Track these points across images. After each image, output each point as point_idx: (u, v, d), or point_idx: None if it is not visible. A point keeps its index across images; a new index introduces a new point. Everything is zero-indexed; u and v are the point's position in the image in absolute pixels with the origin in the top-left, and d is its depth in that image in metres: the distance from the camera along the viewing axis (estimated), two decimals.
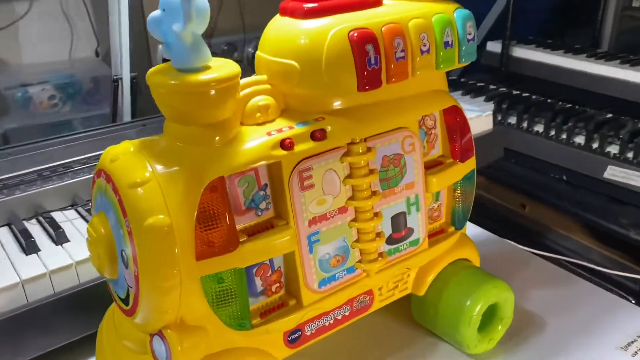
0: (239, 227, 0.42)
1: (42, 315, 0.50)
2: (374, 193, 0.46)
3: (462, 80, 1.36)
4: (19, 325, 0.49)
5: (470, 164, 0.53)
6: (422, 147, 0.48)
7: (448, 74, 0.50)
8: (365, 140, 0.45)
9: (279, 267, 0.44)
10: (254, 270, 0.43)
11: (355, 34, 0.41)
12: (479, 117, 0.89)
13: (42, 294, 0.51)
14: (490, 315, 0.52)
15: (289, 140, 0.41)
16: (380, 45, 0.42)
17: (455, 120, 0.51)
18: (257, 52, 0.44)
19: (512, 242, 0.74)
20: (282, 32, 0.43)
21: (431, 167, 0.51)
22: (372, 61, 0.41)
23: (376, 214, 0.47)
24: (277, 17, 0.44)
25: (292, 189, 0.42)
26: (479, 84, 1.33)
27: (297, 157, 0.42)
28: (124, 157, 0.39)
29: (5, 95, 1.41)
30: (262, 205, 0.43)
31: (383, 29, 0.42)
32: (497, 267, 0.58)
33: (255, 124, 0.42)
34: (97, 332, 0.48)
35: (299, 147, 0.41)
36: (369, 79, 0.42)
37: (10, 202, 0.63)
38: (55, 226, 0.59)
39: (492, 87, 1.31)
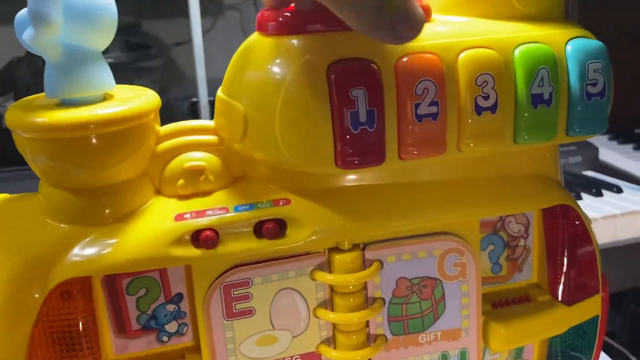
0: (123, 356, 0.26)
1: None
2: (373, 338, 0.27)
3: None
4: None
5: (590, 308, 0.30)
6: (479, 269, 0.28)
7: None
8: (363, 247, 0.26)
9: None
10: None
11: (339, 68, 0.23)
12: None
13: None
14: None
15: (208, 233, 0.24)
16: (383, 91, 0.23)
17: (563, 230, 0.30)
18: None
19: None
20: (239, 57, 0.26)
21: (507, 304, 0.30)
22: (362, 117, 0.23)
23: None
24: (253, 34, 0.27)
25: (208, 314, 0.25)
26: None
27: (222, 263, 0.25)
28: None
29: (174, 107, 1.43)
30: (171, 328, 0.27)
31: (398, 62, 0.23)
32: None
33: (175, 196, 0.26)
34: None
35: (228, 246, 0.24)
36: (354, 148, 0.23)
37: None
38: None
39: None
